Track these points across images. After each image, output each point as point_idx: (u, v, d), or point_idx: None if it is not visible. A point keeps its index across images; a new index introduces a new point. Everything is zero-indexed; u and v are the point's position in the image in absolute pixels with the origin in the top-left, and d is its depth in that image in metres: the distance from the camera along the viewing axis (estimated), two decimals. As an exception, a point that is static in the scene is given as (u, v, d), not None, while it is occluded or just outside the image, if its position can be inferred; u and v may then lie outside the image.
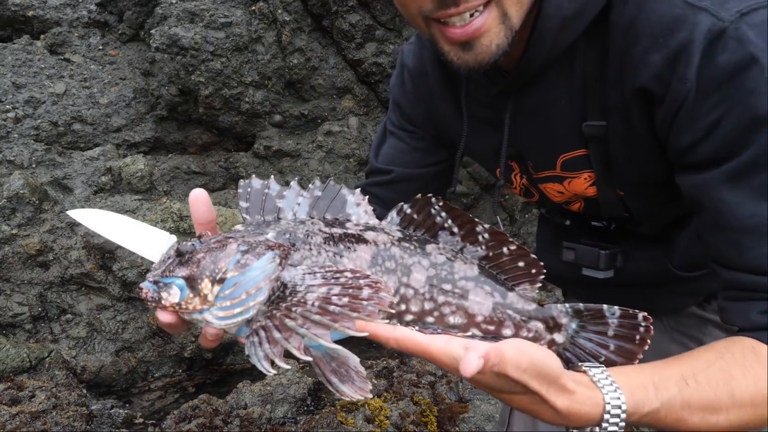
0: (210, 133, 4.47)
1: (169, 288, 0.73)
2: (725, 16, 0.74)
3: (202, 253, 0.75)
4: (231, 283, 0.72)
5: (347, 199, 0.83)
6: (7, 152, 3.87)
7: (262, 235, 0.77)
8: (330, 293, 0.71)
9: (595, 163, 0.98)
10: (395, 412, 2.89)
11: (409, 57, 1.20)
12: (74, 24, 4.60)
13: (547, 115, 0.99)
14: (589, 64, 0.90)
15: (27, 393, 2.85)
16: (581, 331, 0.85)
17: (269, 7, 3.99)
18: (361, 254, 0.78)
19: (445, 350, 0.68)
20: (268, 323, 0.70)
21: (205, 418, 2.77)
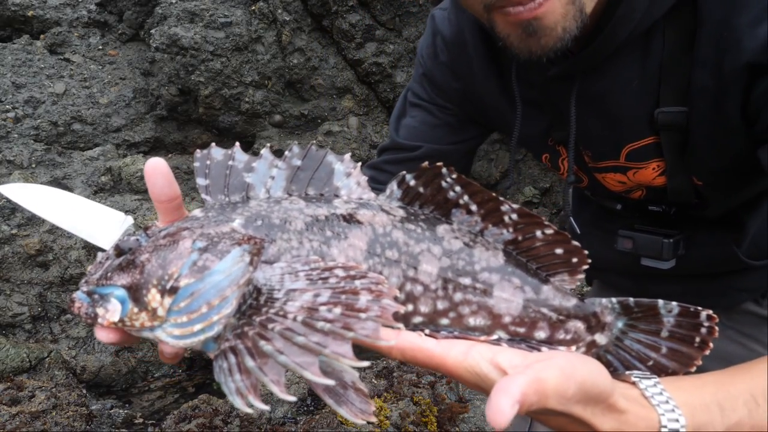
0: (210, 133, 4.47)
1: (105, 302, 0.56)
2: None
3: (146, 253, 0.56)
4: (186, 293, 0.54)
5: (334, 168, 0.65)
6: (7, 152, 3.87)
7: (227, 224, 0.59)
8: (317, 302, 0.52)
9: (668, 152, 0.88)
10: (395, 412, 2.89)
11: (444, 24, 1.06)
12: (74, 24, 4.60)
13: (614, 101, 0.89)
14: (670, 42, 0.80)
15: (27, 393, 2.85)
16: (629, 331, 0.70)
17: (269, 7, 3.99)
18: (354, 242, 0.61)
19: (464, 364, 0.55)
20: (238, 345, 0.51)
21: (205, 418, 2.76)
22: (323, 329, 0.50)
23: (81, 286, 0.59)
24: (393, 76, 4.10)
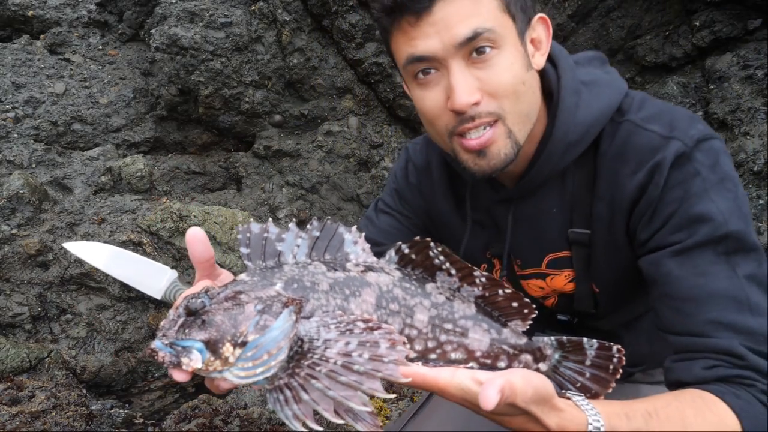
0: (210, 133, 4.47)
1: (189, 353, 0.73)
2: (688, 142, 1.02)
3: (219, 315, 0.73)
4: (253, 346, 0.73)
5: (345, 238, 0.85)
6: (6, 152, 3.87)
7: (272, 287, 0.77)
8: (348, 349, 0.72)
9: (576, 263, 1.18)
10: (395, 412, 2.89)
11: (416, 154, 1.39)
12: (74, 24, 4.60)
13: (540, 221, 1.19)
14: (578, 181, 1.13)
15: (27, 393, 2.84)
16: (563, 361, 0.95)
17: (269, 7, 3.99)
18: (366, 298, 0.81)
19: (452, 382, 0.76)
20: (292, 382, 0.71)
21: (205, 418, 2.76)
22: (358, 371, 0.70)
23: (159, 338, 0.75)
24: (393, 76, 4.10)
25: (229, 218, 3.51)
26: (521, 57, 1.05)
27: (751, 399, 0.90)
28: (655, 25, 3.91)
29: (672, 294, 1.00)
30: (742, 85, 3.49)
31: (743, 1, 3.61)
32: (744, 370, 0.92)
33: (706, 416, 0.87)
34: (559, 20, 3.88)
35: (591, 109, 1.10)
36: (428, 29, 1.00)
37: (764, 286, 0.97)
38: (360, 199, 4.17)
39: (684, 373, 0.97)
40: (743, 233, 0.99)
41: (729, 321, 0.94)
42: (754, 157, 3.23)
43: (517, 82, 1.03)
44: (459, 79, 1.00)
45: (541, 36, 1.12)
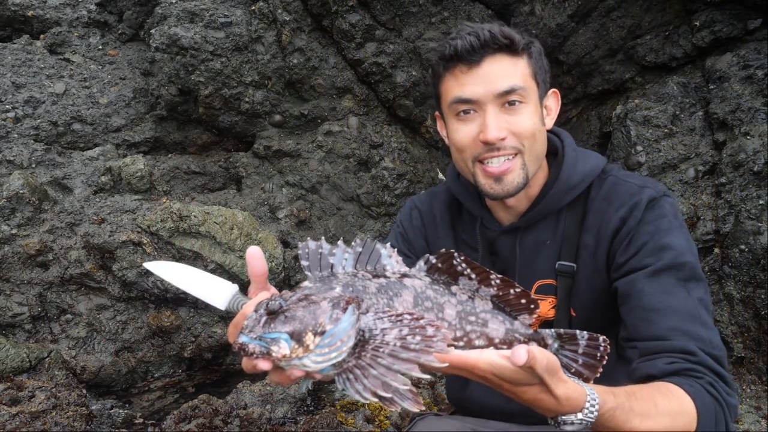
0: (210, 133, 4.46)
1: (277, 342, 0.87)
2: (657, 192, 1.36)
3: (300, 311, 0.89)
4: (329, 334, 0.88)
5: (381, 253, 1.04)
6: (7, 152, 3.87)
7: (333, 290, 0.95)
8: (403, 334, 0.89)
9: (560, 291, 1.42)
10: (395, 412, 2.89)
11: (420, 203, 1.66)
12: (74, 24, 4.60)
13: (536, 251, 1.45)
14: (569, 221, 1.42)
15: (27, 393, 2.84)
16: (560, 349, 1.13)
17: (269, 7, 3.99)
18: (405, 298, 0.99)
19: (481, 358, 0.94)
20: (360, 362, 0.87)
21: (205, 418, 2.76)
22: (415, 349, 0.87)
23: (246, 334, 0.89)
24: (393, 76, 4.10)
25: (229, 218, 3.51)
26: (539, 114, 1.38)
27: (700, 389, 1.13)
28: (655, 25, 3.91)
29: (642, 305, 1.24)
30: (742, 85, 3.49)
31: (743, 1, 3.61)
32: (696, 365, 1.16)
33: (670, 399, 1.10)
34: (559, 20, 3.88)
35: (586, 164, 1.43)
36: (476, 79, 1.32)
37: (709, 309, 1.26)
38: (360, 199, 4.17)
39: (650, 368, 1.18)
40: (695, 266, 1.28)
41: (685, 329, 1.20)
42: (754, 157, 3.23)
43: (536, 130, 1.35)
44: (492, 119, 1.32)
45: (552, 105, 1.45)
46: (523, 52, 1.34)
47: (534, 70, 1.36)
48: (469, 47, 1.31)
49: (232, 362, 3.69)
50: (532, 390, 0.96)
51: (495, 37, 1.30)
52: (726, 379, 1.17)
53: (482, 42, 1.30)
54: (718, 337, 1.22)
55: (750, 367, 3.14)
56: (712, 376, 1.15)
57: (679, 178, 3.57)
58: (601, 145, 4.23)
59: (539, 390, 0.96)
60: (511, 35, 1.32)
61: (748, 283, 3.11)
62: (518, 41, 1.32)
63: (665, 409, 1.08)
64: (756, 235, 3.08)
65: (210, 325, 3.55)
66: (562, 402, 0.97)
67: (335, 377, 0.89)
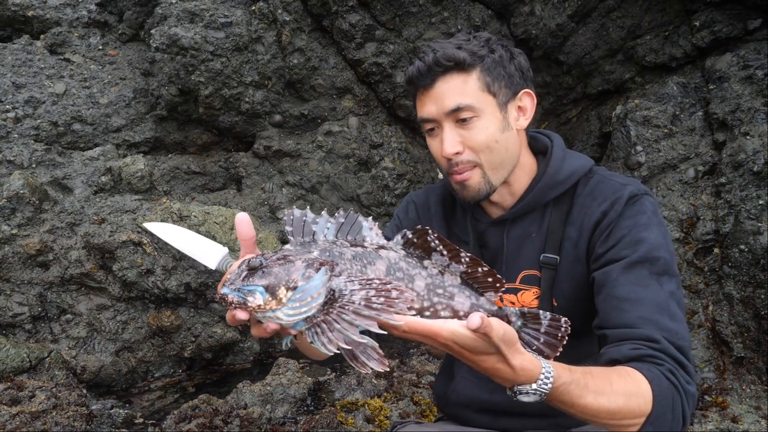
0: (210, 133, 4.47)
1: (253, 293, 0.96)
2: (639, 190, 1.43)
3: (276, 268, 0.98)
4: (300, 290, 0.96)
5: (363, 225, 1.11)
6: (7, 152, 3.87)
7: (311, 254, 1.03)
8: (369, 295, 0.97)
9: (544, 282, 1.48)
10: (395, 412, 2.89)
11: (417, 197, 1.74)
12: (74, 24, 4.60)
13: (522, 242, 1.52)
14: (555, 215, 1.50)
15: (27, 393, 2.85)
16: (523, 327, 1.19)
17: (269, 7, 3.99)
18: (379, 267, 1.06)
19: (444, 327, 1.00)
20: (327, 318, 0.96)
21: (205, 418, 2.76)
22: (377, 307, 0.96)
23: (227, 286, 0.98)
24: (393, 76, 4.10)
25: (229, 218, 3.51)
26: (498, 122, 1.44)
27: (660, 375, 1.18)
28: (655, 25, 3.91)
29: (615, 295, 1.31)
30: (742, 85, 3.49)
31: (743, 1, 3.61)
32: (658, 352, 1.21)
33: (627, 380, 1.16)
34: (559, 20, 3.88)
35: (572, 163, 1.51)
36: (431, 99, 1.43)
37: (679, 303, 1.31)
38: (360, 199, 4.17)
39: (615, 353, 1.25)
40: (669, 262, 1.35)
41: (653, 319, 1.26)
42: (754, 157, 3.23)
43: (491, 141, 1.42)
44: (447, 136, 1.42)
45: (526, 105, 1.50)
46: (472, 67, 1.40)
47: (486, 81, 1.42)
48: (418, 73, 1.42)
49: (232, 362, 3.69)
50: (490, 359, 1.04)
51: (438, 60, 1.39)
52: (687, 369, 1.23)
53: (428, 66, 1.40)
54: (686, 329, 1.29)
55: (750, 367, 3.14)
56: (673, 364, 1.21)
57: (679, 178, 3.57)
58: (601, 145, 4.23)
59: (497, 359, 1.04)
60: (453, 56, 1.38)
61: (748, 283, 3.11)
62: (462, 59, 1.38)
63: (620, 389, 1.13)
64: (756, 235, 3.08)
65: (210, 325, 3.55)
66: (518, 372, 1.04)
67: (305, 331, 0.97)
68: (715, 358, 3.23)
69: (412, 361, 3.49)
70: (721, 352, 3.23)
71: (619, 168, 3.76)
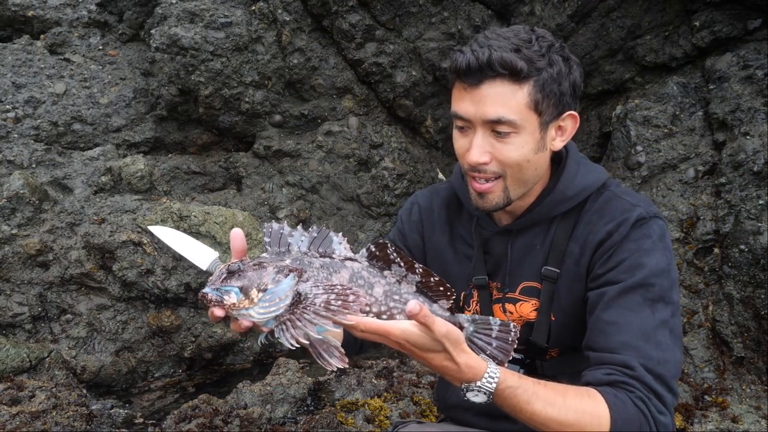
0: (210, 133, 4.47)
1: (229, 293, 1.09)
2: (648, 212, 1.39)
3: (250, 272, 1.12)
4: (270, 292, 1.10)
5: (333, 239, 1.24)
6: (7, 152, 3.87)
7: (283, 261, 1.16)
8: (329, 299, 1.11)
9: (543, 294, 1.47)
10: (395, 412, 2.89)
11: (422, 198, 1.72)
12: (74, 24, 4.60)
13: (525, 253, 1.50)
14: (561, 230, 1.47)
15: (27, 393, 2.85)
16: (475, 333, 1.26)
17: (269, 7, 3.99)
18: (343, 275, 1.19)
19: (396, 326, 1.11)
20: (291, 317, 1.09)
21: (205, 418, 2.77)
22: (334, 309, 1.09)
23: (209, 285, 1.11)
24: (393, 76, 4.10)
25: (229, 218, 3.51)
26: (535, 143, 1.37)
27: (626, 401, 1.19)
28: (655, 25, 3.91)
29: (603, 318, 1.31)
30: (742, 85, 3.49)
31: (743, 1, 3.61)
32: (630, 379, 1.21)
33: (584, 399, 1.18)
34: (559, 20, 3.88)
35: (585, 178, 1.48)
36: (472, 99, 1.34)
37: (672, 332, 1.29)
38: (360, 199, 4.17)
39: (590, 377, 1.26)
40: (666, 288, 1.32)
41: (636, 345, 1.25)
42: (754, 157, 3.23)
43: (522, 160, 1.37)
44: (477, 143, 1.36)
45: (567, 126, 1.44)
46: (526, 80, 1.30)
47: (536, 98, 1.32)
48: (467, 68, 1.30)
49: (232, 362, 3.69)
50: (437, 356, 1.12)
51: (492, 64, 1.28)
52: (662, 398, 1.22)
53: (480, 65, 1.28)
54: (675, 359, 1.27)
55: (750, 367, 3.14)
56: (645, 392, 1.20)
57: (679, 178, 3.57)
58: (601, 145, 4.23)
59: (443, 357, 1.12)
60: (513, 64, 1.27)
61: (748, 283, 3.11)
62: (520, 69, 1.28)
63: (573, 404, 1.16)
64: (756, 235, 3.08)
65: (210, 325, 3.55)
66: (463, 369, 1.12)
67: (274, 328, 1.10)
68: (715, 358, 3.23)
69: (412, 361, 3.49)
70: (721, 352, 3.23)
71: (619, 168, 3.76)
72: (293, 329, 1.08)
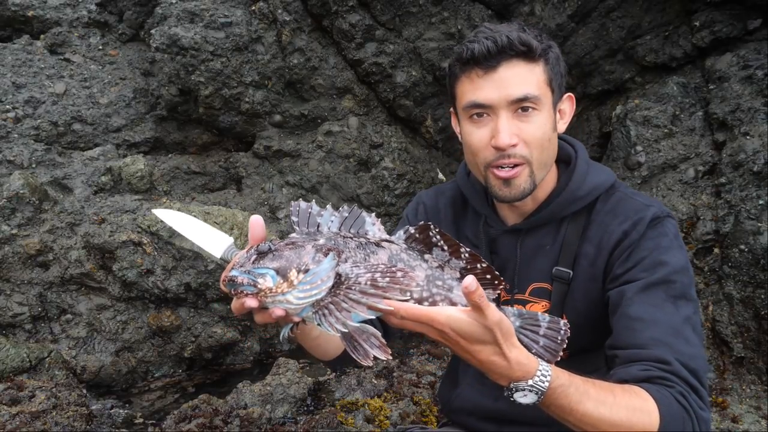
0: (210, 133, 4.47)
1: (264, 276, 0.97)
2: (661, 212, 1.40)
3: (287, 251, 1.00)
4: (312, 273, 0.98)
5: (366, 220, 1.15)
6: (7, 152, 3.87)
7: (317, 241, 1.05)
8: (375, 276, 1.00)
9: (554, 295, 1.44)
10: (395, 412, 2.89)
11: (427, 198, 1.70)
12: (74, 24, 4.60)
13: (535, 254, 1.48)
14: (571, 230, 1.46)
15: (27, 393, 2.85)
16: (521, 329, 1.17)
17: (269, 7, 3.99)
18: (381, 256, 1.09)
19: (441, 312, 1.02)
20: (335, 299, 0.98)
21: (205, 418, 2.77)
22: (383, 286, 0.99)
23: (236, 268, 0.99)
24: (393, 76, 4.10)
25: (229, 218, 3.51)
26: (551, 121, 1.40)
27: (669, 396, 1.14)
28: (655, 25, 3.91)
29: (628, 314, 1.28)
30: (742, 85, 3.49)
31: (743, 1, 3.61)
32: (668, 374, 1.17)
33: (632, 396, 1.13)
34: (559, 20, 3.88)
35: (595, 179, 1.47)
36: (491, 84, 1.33)
37: (696, 329, 1.28)
38: (360, 199, 4.17)
39: (624, 374, 1.21)
40: (687, 285, 1.32)
41: (666, 341, 1.22)
42: (754, 157, 3.23)
43: (545, 138, 1.37)
44: (504, 125, 1.34)
45: (566, 109, 1.48)
46: (540, 58, 1.35)
47: (550, 76, 1.37)
48: (486, 52, 1.30)
49: (232, 362, 3.69)
50: (485, 349, 1.03)
51: (512, 43, 1.30)
52: (699, 393, 1.18)
53: (499, 48, 1.30)
54: (702, 355, 1.25)
55: (750, 367, 3.14)
56: (685, 387, 1.17)
57: (679, 178, 3.57)
58: (601, 145, 4.23)
59: (492, 351, 1.03)
60: (529, 42, 1.31)
61: (748, 283, 3.11)
62: (536, 47, 1.32)
63: (624, 402, 1.10)
64: (756, 235, 3.08)
65: (210, 325, 3.55)
66: (513, 365, 1.03)
67: (313, 315, 0.99)
68: (715, 358, 3.23)
69: (412, 361, 3.49)
70: (721, 352, 3.23)
71: (619, 168, 3.76)
72: (338, 312, 0.96)
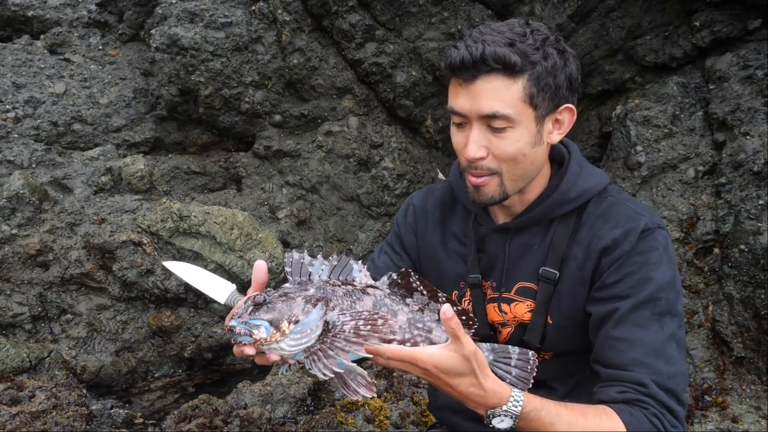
0: (210, 133, 4.47)
1: (258, 327, 1.07)
2: (653, 222, 1.40)
3: (279, 304, 1.11)
4: (301, 323, 1.09)
5: (353, 267, 1.24)
6: (7, 152, 3.87)
7: (308, 291, 1.16)
8: (358, 325, 1.12)
9: (540, 296, 1.47)
10: (395, 412, 2.89)
11: (416, 199, 1.74)
12: (74, 24, 4.60)
13: (523, 253, 1.50)
14: (560, 231, 1.47)
15: (27, 393, 2.85)
16: (494, 362, 1.29)
17: (269, 7, 3.99)
18: (366, 302, 1.19)
19: (423, 351, 1.13)
20: (322, 347, 1.10)
21: (205, 418, 2.77)
22: (364, 334, 1.11)
23: (236, 318, 1.09)
24: (393, 76, 4.10)
25: (229, 218, 3.51)
26: (531, 137, 1.36)
27: (642, 418, 1.21)
28: (655, 25, 3.91)
29: (612, 334, 1.32)
30: (742, 85, 3.49)
31: (743, 1, 3.61)
32: (644, 396, 1.23)
33: (603, 418, 1.21)
34: (559, 20, 3.88)
35: (587, 181, 1.47)
36: (467, 94, 1.34)
37: (680, 344, 1.32)
38: (360, 199, 4.17)
39: (603, 394, 1.28)
40: (673, 301, 1.34)
41: (647, 362, 1.27)
42: (754, 157, 3.23)
43: (518, 155, 1.36)
44: (474, 138, 1.36)
45: (564, 120, 1.43)
46: (521, 73, 1.29)
47: (531, 92, 1.31)
48: (461, 63, 1.29)
49: (232, 362, 3.69)
50: (465, 381, 1.14)
51: (486, 59, 1.27)
52: (674, 413, 1.25)
53: (474, 60, 1.28)
54: (683, 371, 1.30)
55: (750, 367, 3.14)
56: (659, 408, 1.23)
57: (679, 178, 3.57)
58: (601, 145, 4.23)
59: (470, 382, 1.14)
60: (506, 58, 1.26)
61: (748, 283, 3.11)
62: (513, 63, 1.27)
63: (594, 424, 1.19)
64: (756, 235, 3.08)
65: (210, 325, 3.55)
66: (489, 394, 1.14)
67: (304, 360, 1.10)
68: (715, 358, 3.23)
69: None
70: (721, 352, 3.23)
71: (619, 168, 3.76)
72: (325, 359, 1.08)
